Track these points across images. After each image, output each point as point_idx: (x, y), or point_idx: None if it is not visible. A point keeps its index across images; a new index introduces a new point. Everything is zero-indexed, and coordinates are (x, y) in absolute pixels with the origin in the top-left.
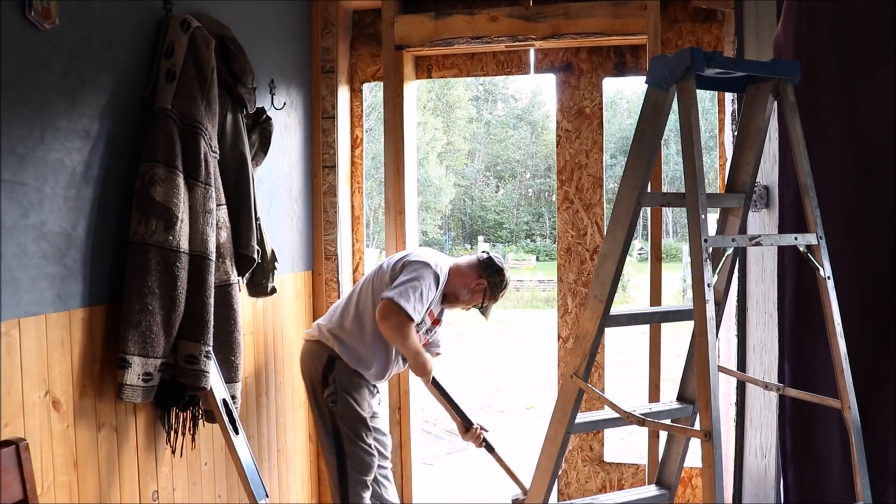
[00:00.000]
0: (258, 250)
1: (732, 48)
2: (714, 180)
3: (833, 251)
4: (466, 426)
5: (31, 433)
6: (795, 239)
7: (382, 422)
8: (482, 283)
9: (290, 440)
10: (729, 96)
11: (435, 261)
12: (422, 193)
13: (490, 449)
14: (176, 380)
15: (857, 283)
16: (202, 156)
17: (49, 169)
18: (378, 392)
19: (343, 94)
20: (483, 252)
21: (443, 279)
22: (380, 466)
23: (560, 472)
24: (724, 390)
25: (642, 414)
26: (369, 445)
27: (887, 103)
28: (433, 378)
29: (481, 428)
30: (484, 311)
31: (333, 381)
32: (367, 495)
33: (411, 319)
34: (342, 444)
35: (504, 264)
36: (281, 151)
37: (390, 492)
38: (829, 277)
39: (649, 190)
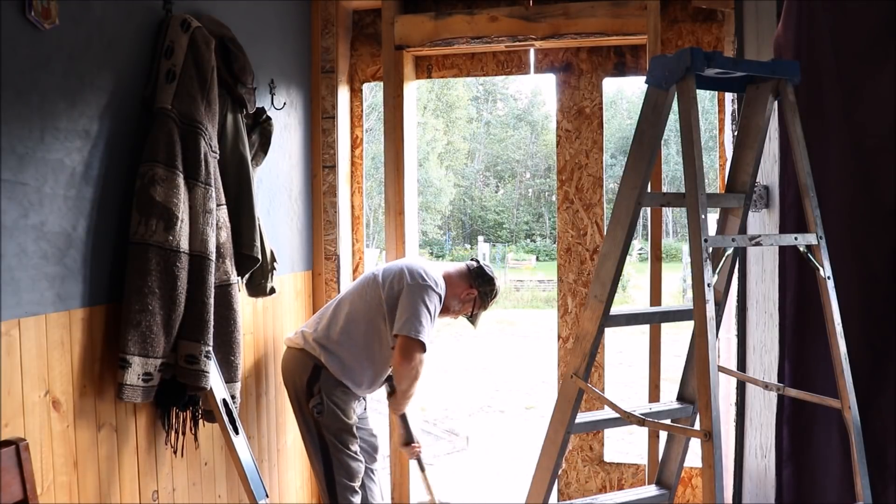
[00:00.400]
0: (262, 250)
1: (732, 48)
2: (714, 180)
3: (833, 251)
4: (408, 441)
5: (31, 433)
6: (795, 239)
7: (370, 421)
8: (473, 293)
9: (290, 440)
10: (729, 96)
11: (435, 278)
12: (422, 193)
13: (420, 464)
14: (176, 380)
15: (857, 283)
16: (202, 156)
17: (49, 169)
18: (364, 398)
19: (343, 94)
20: (472, 260)
21: (444, 296)
22: (367, 468)
23: (560, 472)
24: (724, 390)
25: (642, 414)
26: (355, 452)
27: (887, 103)
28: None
29: (419, 445)
30: (473, 319)
31: (319, 390)
32: (356, 499)
33: (425, 351)
34: (328, 452)
35: (493, 272)
36: (281, 151)
37: (374, 493)
38: (829, 277)
39: (649, 190)
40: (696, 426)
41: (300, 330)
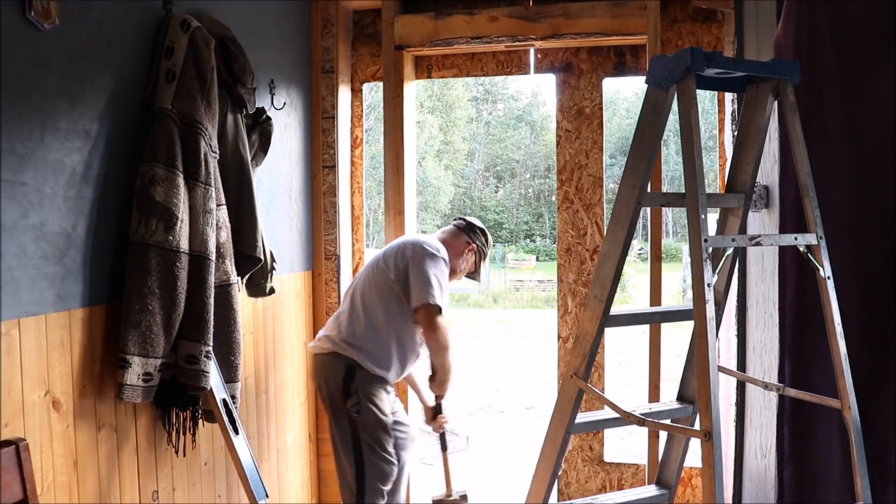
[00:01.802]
0: (264, 250)
1: (732, 48)
2: (714, 180)
3: (833, 251)
4: (437, 413)
5: (31, 433)
6: (795, 239)
7: (402, 414)
8: (472, 247)
9: (290, 440)
10: (729, 96)
11: (435, 245)
12: (421, 193)
13: (443, 443)
14: (176, 380)
15: (857, 283)
16: (202, 156)
17: (49, 169)
18: (394, 389)
19: (343, 94)
20: (457, 219)
21: (448, 260)
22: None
23: (560, 472)
24: (724, 390)
25: (642, 414)
26: (390, 454)
27: (887, 103)
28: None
29: (446, 418)
30: (476, 275)
31: (356, 390)
32: None
33: (442, 314)
34: (362, 454)
35: (480, 223)
36: (281, 151)
37: (400, 495)
38: (829, 277)
39: (649, 190)
40: (696, 426)
41: (322, 335)
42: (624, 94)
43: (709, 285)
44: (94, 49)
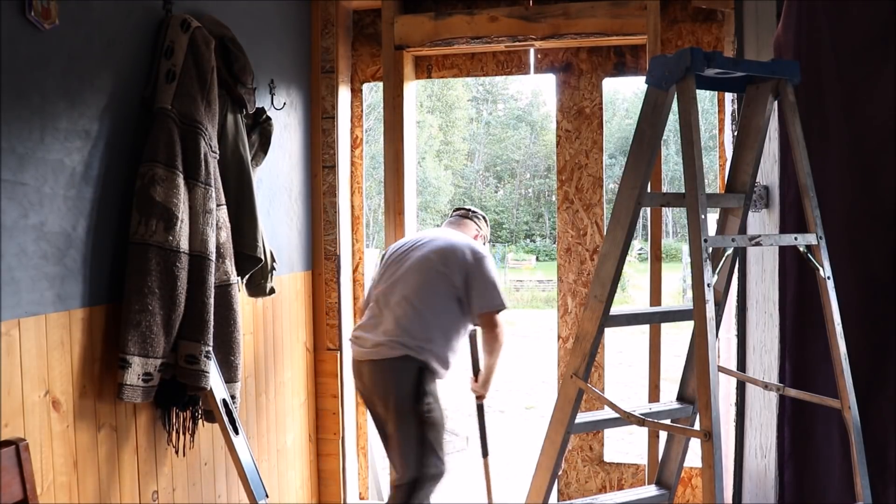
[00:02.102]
0: (264, 250)
1: (732, 48)
2: (714, 180)
3: (833, 251)
4: (480, 424)
5: (31, 433)
6: (795, 239)
7: None
8: (479, 234)
9: (290, 440)
10: (729, 96)
11: (482, 245)
12: (421, 193)
13: (485, 450)
14: (176, 380)
15: (857, 283)
16: (202, 156)
17: (49, 169)
18: None
19: (343, 94)
20: (459, 209)
21: None
22: None
23: (560, 472)
24: (724, 390)
25: (642, 414)
26: (444, 454)
27: (887, 103)
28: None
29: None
30: None
31: (427, 392)
32: None
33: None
34: (424, 457)
35: (480, 210)
36: (281, 151)
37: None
38: (828, 277)
39: (649, 190)
40: (696, 426)
41: (382, 341)
42: (624, 94)
43: (709, 285)
44: (94, 49)
